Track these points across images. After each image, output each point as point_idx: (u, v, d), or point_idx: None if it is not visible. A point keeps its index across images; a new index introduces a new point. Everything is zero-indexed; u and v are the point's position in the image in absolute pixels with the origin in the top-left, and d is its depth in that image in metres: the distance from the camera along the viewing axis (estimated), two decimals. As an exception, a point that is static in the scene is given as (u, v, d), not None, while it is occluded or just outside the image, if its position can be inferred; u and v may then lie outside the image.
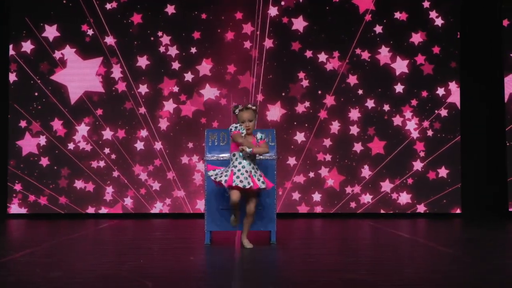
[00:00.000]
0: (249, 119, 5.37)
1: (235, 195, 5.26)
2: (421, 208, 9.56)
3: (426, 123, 9.63)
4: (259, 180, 5.31)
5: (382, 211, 9.55)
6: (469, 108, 9.68)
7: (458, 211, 9.55)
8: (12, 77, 9.43)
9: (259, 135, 5.42)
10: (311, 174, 9.52)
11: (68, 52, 9.46)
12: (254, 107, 5.43)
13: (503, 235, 7.16)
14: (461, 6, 9.70)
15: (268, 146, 5.48)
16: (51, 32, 9.47)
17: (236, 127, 5.35)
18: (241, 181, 5.21)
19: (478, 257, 5.09)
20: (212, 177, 5.35)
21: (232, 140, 5.39)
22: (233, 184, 5.20)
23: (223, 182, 5.26)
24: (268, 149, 5.45)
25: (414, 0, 9.68)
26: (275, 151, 5.92)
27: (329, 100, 9.58)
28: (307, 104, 9.56)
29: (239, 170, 5.27)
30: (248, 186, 5.23)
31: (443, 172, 9.60)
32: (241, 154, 5.30)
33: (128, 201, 9.43)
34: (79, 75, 9.47)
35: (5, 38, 9.46)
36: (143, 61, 9.52)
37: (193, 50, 9.57)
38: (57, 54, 9.44)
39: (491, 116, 9.72)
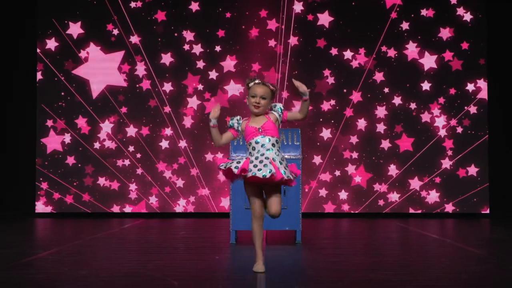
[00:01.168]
0: (262, 95, 4.33)
1: (257, 205, 4.26)
2: (449, 208, 9.56)
3: (455, 120, 9.61)
4: (285, 169, 4.23)
5: (410, 210, 9.57)
6: (498, 105, 9.67)
7: (487, 210, 9.54)
8: (38, 75, 9.65)
9: (277, 107, 4.48)
10: (337, 172, 9.56)
11: (93, 50, 9.64)
12: (272, 87, 4.43)
13: None
14: (489, 1, 9.68)
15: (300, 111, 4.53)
16: (76, 30, 9.65)
17: (231, 124, 4.48)
18: (259, 170, 4.13)
19: (506, 258, 5.09)
20: (222, 167, 4.30)
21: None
22: (249, 174, 4.15)
23: (233, 168, 4.17)
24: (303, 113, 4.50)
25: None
26: (300, 150, 5.99)
27: (356, 97, 9.62)
28: (332, 102, 9.61)
29: (256, 158, 4.21)
30: (268, 175, 4.12)
31: (472, 170, 9.57)
32: (257, 140, 4.27)
33: (153, 200, 9.57)
34: (101, 69, 9.62)
35: (32, 38, 9.65)
36: (167, 59, 9.66)
37: (218, 48, 9.67)
38: (83, 54, 9.62)
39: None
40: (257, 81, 4.38)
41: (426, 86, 9.63)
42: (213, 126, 4.43)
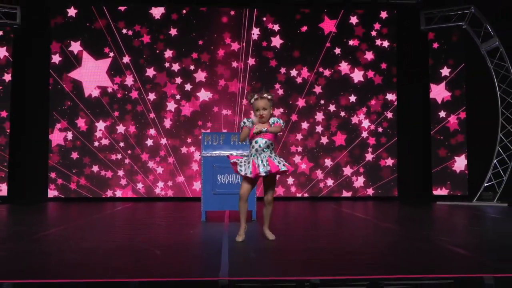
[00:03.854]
0: (263, 107, 4.39)
1: (245, 189, 4.34)
2: (370, 191, 9.87)
3: (374, 125, 9.93)
4: (279, 163, 4.31)
5: (343, 192, 9.84)
6: (406, 112, 10.02)
7: (396, 194, 9.87)
8: (48, 86, 9.58)
9: (272, 120, 4.48)
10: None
11: (87, 58, 9.61)
12: (269, 96, 4.44)
13: (429, 213, 7.32)
14: (399, 34, 10.02)
15: (281, 127, 4.49)
16: (76, 48, 9.61)
17: (244, 123, 4.46)
18: (262, 168, 4.29)
19: (411, 230, 5.26)
20: (237, 168, 4.38)
21: (242, 134, 4.45)
22: (262, 173, 4.28)
23: (248, 175, 4.30)
24: (281, 129, 4.49)
25: (364, 28, 9.97)
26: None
27: (300, 103, 9.83)
28: (281, 109, 9.81)
29: (257, 158, 4.32)
30: (264, 174, 4.28)
31: (389, 162, 9.91)
32: (257, 140, 4.37)
33: (139, 186, 9.62)
34: (92, 74, 9.59)
35: (46, 56, 9.58)
36: (151, 72, 9.70)
37: (192, 67, 9.75)
38: (80, 63, 9.57)
39: (421, 119, 10.05)
40: (255, 96, 4.42)
41: (354, 96, 9.91)
42: (246, 127, 4.43)
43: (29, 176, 9.44)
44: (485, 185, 8.66)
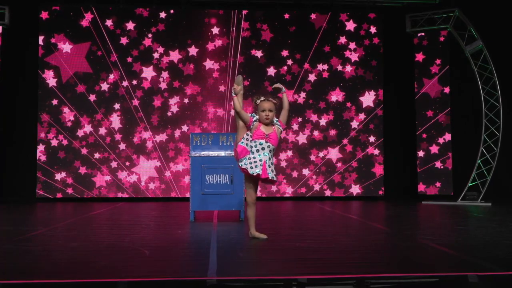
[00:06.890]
0: (269, 108, 4.42)
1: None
2: (359, 190, 9.90)
3: (363, 122, 9.98)
4: (272, 171, 4.41)
5: (332, 191, 9.87)
6: (392, 112, 10.10)
7: (383, 193, 9.93)
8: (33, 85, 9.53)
9: (277, 121, 4.55)
10: (274, 160, 9.78)
11: (67, 45, 9.54)
12: (274, 100, 4.48)
13: (413, 212, 7.38)
14: (387, 34, 10.11)
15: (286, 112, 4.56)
16: (60, 39, 9.54)
17: (253, 115, 4.50)
18: (251, 168, 4.37)
19: (396, 229, 5.31)
20: (244, 166, 4.41)
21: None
22: (269, 177, 4.38)
23: (254, 173, 4.35)
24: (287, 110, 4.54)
25: (353, 28, 10.01)
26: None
27: (291, 98, 9.87)
28: (271, 108, 9.83)
29: (254, 158, 4.39)
30: (255, 174, 4.37)
31: (380, 159, 9.98)
32: (261, 142, 4.40)
33: (126, 184, 9.57)
34: (69, 58, 9.53)
35: (34, 54, 9.52)
36: (137, 67, 9.67)
37: (179, 63, 9.74)
38: (60, 51, 9.54)
39: (407, 120, 10.13)
40: (262, 98, 4.47)
41: (343, 94, 9.95)
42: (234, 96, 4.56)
43: (17, 175, 9.39)
44: (469, 185, 8.75)
